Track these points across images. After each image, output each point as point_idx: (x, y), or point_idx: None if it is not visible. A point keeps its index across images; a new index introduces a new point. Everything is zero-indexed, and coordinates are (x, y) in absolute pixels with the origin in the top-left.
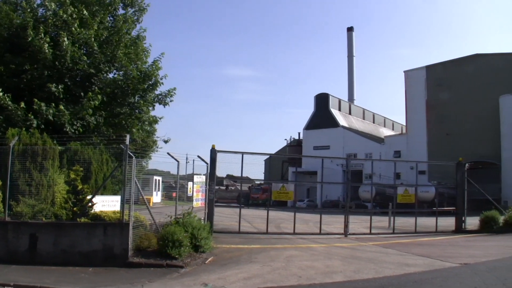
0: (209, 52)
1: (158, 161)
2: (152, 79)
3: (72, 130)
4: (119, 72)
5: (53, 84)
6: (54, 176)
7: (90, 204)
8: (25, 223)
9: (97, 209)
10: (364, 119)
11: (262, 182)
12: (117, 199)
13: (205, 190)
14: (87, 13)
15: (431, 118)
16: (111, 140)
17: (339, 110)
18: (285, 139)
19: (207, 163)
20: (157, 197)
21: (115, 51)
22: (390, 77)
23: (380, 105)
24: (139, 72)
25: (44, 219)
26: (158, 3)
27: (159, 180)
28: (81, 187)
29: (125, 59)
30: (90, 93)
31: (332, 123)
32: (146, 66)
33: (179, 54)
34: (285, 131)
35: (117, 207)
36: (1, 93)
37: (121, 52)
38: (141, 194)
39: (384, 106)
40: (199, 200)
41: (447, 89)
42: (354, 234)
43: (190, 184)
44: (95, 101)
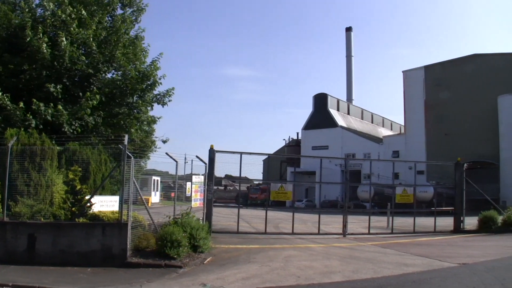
0: (208, 52)
1: (156, 161)
2: (150, 79)
3: (70, 130)
4: (117, 72)
5: (52, 84)
6: (52, 176)
7: (88, 204)
8: (24, 223)
9: (96, 209)
10: (362, 119)
11: (260, 182)
12: (115, 199)
13: (204, 190)
14: (85, 13)
15: (429, 118)
16: (109, 140)
17: (338, 110)
18: (284, 139)
19: (205, 163)
20: (155, 197)
21: (113, 51)
22: (388, 77)
23: (378, 105)
24: (137, 72)
25: (42, 219)
26: (157, 3)
27: (157, 180)
28: (79, 187)
29: (123, 59)
30: (88, 93)
31: (330, 123)
32: (144, 66)
33: (178, 54)
34: (283, 131)
35: (116, 207)
36: (0, 93)
37: (119, 52)
38: (140, 194)
39: (382, 106)
40: (197, 200)
41: (446, 89)
42: (352, 234)
43: (188, 184)
44: (93, 101)
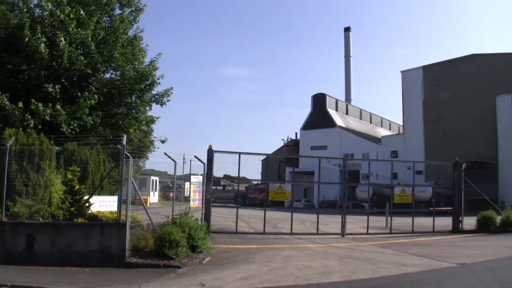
0: (206, 52)
1: (155, 161)
2: (149, 79)
3: (69, 130)
4: (116, 72)
5: (50, 84)
6: (51, 176)
7: (87, 204)
8: (22, 223)
9: (94, 209)
10: (361, 119)
11: (259, 182)
12: (114, 199)
13: (202, 190)
14: (84, 13)
15: (428, 118)
16: (108, 140)
17: (336, 110)
18: (282, 139)
19: (204, 163)
20: (154, 197)
21: (112, 51)
22: (387, 77)
23: (377, 105)
24: (136, 72)
25: (41, 219)
26: (156, 3)
27: (156, 180)
28: (78, 187)
29: (122, 59)
30: (86, 93)
31: (329, 123)
32: (143, 66)
33: (176, 54)
34: (282, 131)
35: (114, 207)
36: None
37: (118, 52)
38: (138, 194)
39: (381, 106)
40: (196, 200)
41: (444, 89)
42: (351, 234)
43: (187, 184)
44: (91, 101)
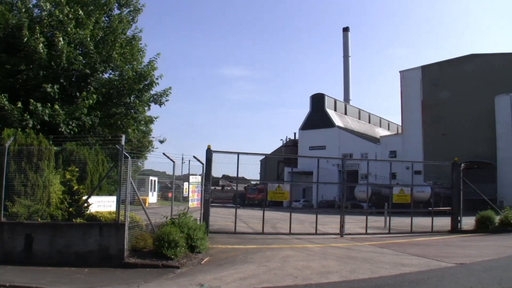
0: (205, 52)
1: (153, 161)
2: (147, 79)
3: (67, 130)
4: (114, 72)
5: (49, 84)
6: (49, 176)
7: (85, 204)
8: (21, 223)
9: (93, 209)
10: (359, 119)
11: (258, 182)
12: (112, 199)
13: (201, 190)
14: (82, 13)
15: (426, 118)
16: (106, 140)
17: (335, 110)
18: (281, 139)
19: (202, 164)
20: (153, 198)
21: (110, 51)
22: (385, 77)
23: (375, 105)
24: (134, 72)
25: (39, 219)
26: (154, 3)
27: (155, 180)
28: (76, 187)
29: (120, 59)
30: (84, 93)
31: (327, 123)
32: (141, 66)
33: (175, 54)
34: (280, 131)
35: (113, 208)
36: None
37: (116, 52)
38: (137, 194)
39: (379, 106)
40: (195, 200)
41: (443, 89)
42: (350, 234)
43: (186, 184)
44: (89, 100)
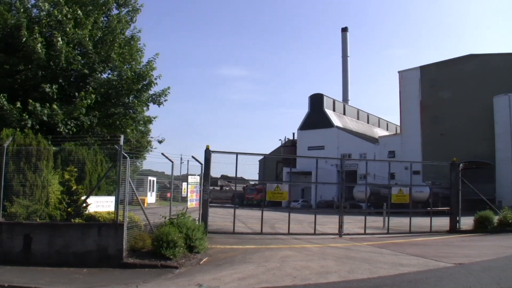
0: (204, 52)
1: (152, 161)
2: (146, 80)
3: (65, 130)
4: (113, 72)
5: (47, 84)
6: (48, 176)
7: (84, 204)
8: (19, 223)
9: (92, 209)
10: (358, 119)
11: (256, 182)
12: (111, 199)
13: (200, 190)
14: (81, 13)
15: (425, 118)
16: (105, 140)
17: (334, 110)
18: (280, 140)
19: (201, 164)
20: (151, 198)
21: (109, 51)
22: (384, 77)
23: (374, 106)
24: (133, 72)
25: (38, 219)
26: (154, 3)
27: (153, 180)
28: (75, 187)
29: (119, 59)
30: (82, 93)
31: (326, 123)
32: (140, 66)
33: (174, 54)
34: (279, 131)
35: (112, 208)
36: None
37: (115, 52)
38: (136, 194)
39: (378, 106)
40: (193, 200)
41: (442, 90)
42: (348, 234)
43: (184, 184)
44: (87, 100)
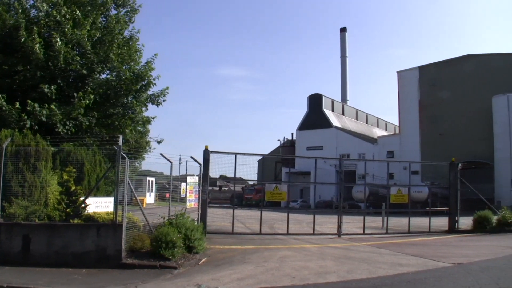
0: (203, 52)
1: (151, 162)
2: (145, 80)
3: (64, 130)
4: (112, 72)
5: (46, 84)
6: (47, 177)
7: (83, 205)
8: (18, 224)
9: (90, 210)
10: (357, 119)
11: (255, 182)
12: (110, 200)
13: (199, 191)
14: (79, 13)
15: (424, 118)
16: (104, 141)
17: (332, 110)
18: (278, 140)
19: (200, 164)
20: (150, 198)
21: (108, 52)
22: (383, 77)
23: (373, 106)
24: (132, 72)
25: (37, 220)
26: (153, 3)
27: (152, 181)
28: (74, 188)
29: (117, 59)
30: (81, 93)
31: (325, 123)
32: (139, 67)
33: (173, 54)
34: (278, 132)
35: (110, 208)
36: None
37: (113, 52)
38: (134, 195)
39: (377, 106)
40: (192, 201)
41: (440, 90)
42: (347, 234)
43: (183, 185)
44: (86, 100)
